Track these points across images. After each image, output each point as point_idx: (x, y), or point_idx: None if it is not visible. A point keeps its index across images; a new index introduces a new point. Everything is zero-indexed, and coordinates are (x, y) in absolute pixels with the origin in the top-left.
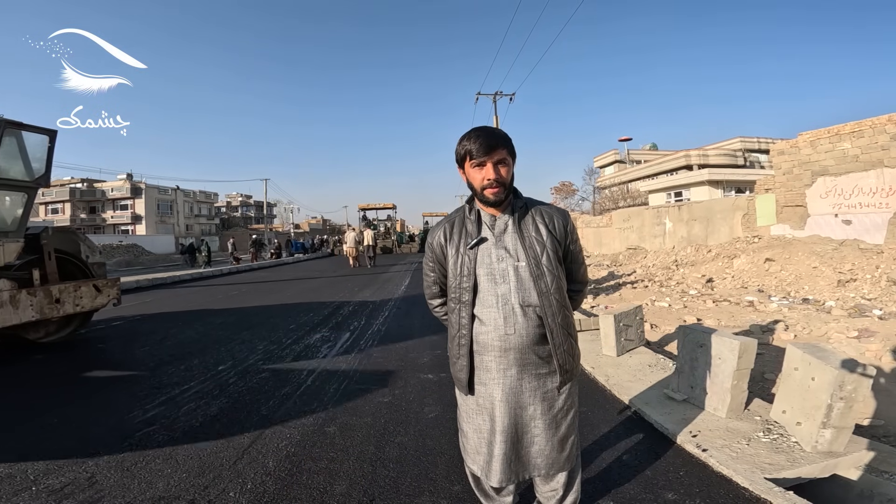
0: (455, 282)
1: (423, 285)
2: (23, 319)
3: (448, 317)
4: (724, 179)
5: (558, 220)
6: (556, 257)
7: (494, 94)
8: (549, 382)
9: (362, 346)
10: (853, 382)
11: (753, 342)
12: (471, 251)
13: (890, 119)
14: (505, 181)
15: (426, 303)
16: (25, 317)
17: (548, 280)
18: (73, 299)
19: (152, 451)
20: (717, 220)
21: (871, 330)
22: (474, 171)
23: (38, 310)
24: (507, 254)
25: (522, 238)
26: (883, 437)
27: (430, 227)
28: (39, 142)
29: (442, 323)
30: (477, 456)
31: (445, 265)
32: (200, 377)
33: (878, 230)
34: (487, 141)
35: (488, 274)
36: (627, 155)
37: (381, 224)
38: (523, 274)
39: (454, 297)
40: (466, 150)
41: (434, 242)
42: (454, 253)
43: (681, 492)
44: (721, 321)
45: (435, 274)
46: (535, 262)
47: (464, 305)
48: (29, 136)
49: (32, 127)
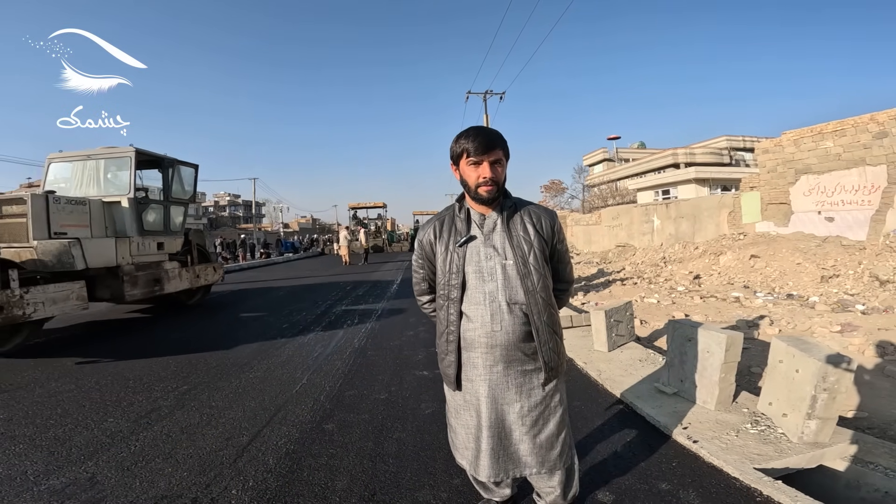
0: (444, 279)
1: (413, 282)
2: (182, 288)
3: (436, 313)
4: (711, 177)
5: (546, 220)
6: (542, 256)
7: (484, 93)
8: (535, 379)
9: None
10: (836, 374)
11: (740, 335)
12: (460, 249)
13: (872, 118)
14: (499, 180)
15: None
16: (183, 286)
17: (534, 279)
18: (204, 276)
19: (151, 450)
20: (703, 218)
21: (854, 324)
22: (469, 170)
23: (190, 281)
24: (495, 252)
25: (510, 237)
26: (867, 429)
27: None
28: (189, 172)
29: (431, 319)
30: (465, 451)
31: (434, 262)
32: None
33: (860, 227)
34: (485, 141)
35: (476, 271)
36: (616, 153)
37: (371, 223)
38: (510, 272)
39: (443, 293)
40: (463, 148)
41: (424, 240)
42: (443, 250)
43: (674, 482)
44: (708, 316)
45: (424, 271)
46: (522, 261)
47: (452, 302)
48: (183, 168)
49: (185, 162)
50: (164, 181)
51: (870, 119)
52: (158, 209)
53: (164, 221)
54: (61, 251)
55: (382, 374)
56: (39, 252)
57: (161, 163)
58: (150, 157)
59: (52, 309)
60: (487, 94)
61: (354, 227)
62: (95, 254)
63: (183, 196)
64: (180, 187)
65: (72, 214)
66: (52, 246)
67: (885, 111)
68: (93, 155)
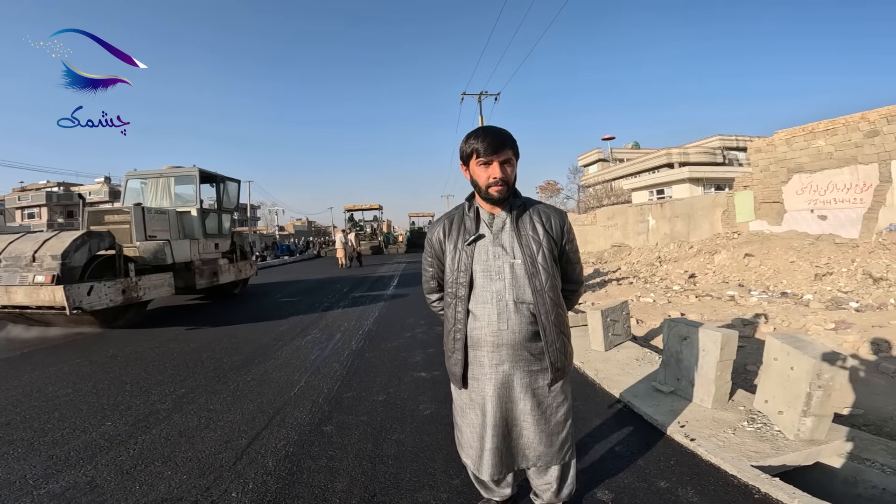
0: (452, 277)
1: (422, 280)
2: (231, 279)
3: (444, 311)
4: (705, 177)
5: (555, 220)
6: (551, 256)
7: (480, 93)
8: (541, 379)
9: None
10: (830, 371)
11: (734, 333)
12: (468, 247)
13: (863, 117)
14: (509, 180)
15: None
16: (231, 278)
17: (542, 278)
18: (245, 270)
19: (150, 453)
20: (698, 217)
21: (848, 322)
22: (480, 170)
23: (235, 274)
24: (503, 251)
25: (519, 236)
26: (863, 426)
27: (417, 227)
28: (234, 186)
29: (439, 317)
30: (470, 450)
31: (443, 261)
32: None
33: (852, 225)
34: (495, 141)
35: (484, 270)
36: (611, 153)
37: (367, 225)
38: (518, 271)
39: (450, 291)
40: (473, 148)
41: (433, 238)
42: (452, 249)
43: (672, 480)
44: (704, 315)
45: (433, 269)
46: (530, 260)
47: (459, 300)
48: (229, 183)
49: (231, 178)
50: (217, 194)
51: (861, 118)
52: (214, 217)
53: (218, 226)
54: (156, 250)
55: (380, 376)
56: (141, 250)
57: (215, 179)
58: (207, 174)
59: (152, 293)
60: (482, 95)
61: (347, 230)
62: (178, 252)
63: (230, 206)
64: (228, 199)
65: (158, 222)
66: (150, 246)
67: (875, 110)
68: (164, 173)
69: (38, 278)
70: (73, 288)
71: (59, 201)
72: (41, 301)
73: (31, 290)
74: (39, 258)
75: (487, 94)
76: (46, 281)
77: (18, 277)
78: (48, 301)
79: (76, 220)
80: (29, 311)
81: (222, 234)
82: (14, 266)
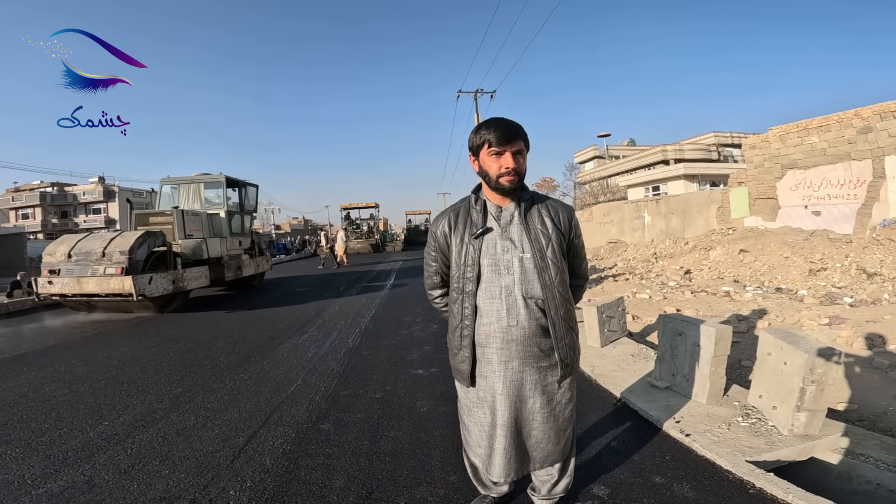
0: (458, 272)
1: (424, 276)
2: (251, 273)
3: (449, 308)
4: (700, 173)
5: (563, 215)
6: (560, 251)
7: (475, 91)
8: (550, 376)
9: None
10: (823, 366)
11: (729, 329)
12: (475, 241)
13: (856, 114)
14: (521, 171)
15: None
16: (250, 271)
17: (552, 273)
18: (262, 265)
19: (148, 452)
20: (693, 213)
21: (842, 317)
22: (491, 160)
23: (254, 268)
24: (512, 245)
25: (528, 230)
26: (857, 421)
27: (414, 225)
28: (253, 190)
29: (441, 315)
30: (478, 449)
31: (449, 255)
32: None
33: (846, 220)
34: (507, 132)
35: (492, 264)
36: (606, 150)
37: (363, 223)
38: (528, 266)
39: (457, 287)
40: (484, 139)
41: (438, 231)
42: (458, 242)
43: (668, 475)
44: (699, 311)
45: (437, 264)
46: (539, 255)
47: (467, 296)
48: (249, 188)
49: (251, 183)
50: (240, 197)
51: (854, 114)
52: (238, 217)
53: (241, 226)
54: (195, 246)
55: (377, 374)
56: (183, 247)
57: (237, 184)
58: (232, 180)
59: (193, 283)
60: (478, 93)
61: (340, 228)
62: (212, 249)
63: (250, 208)
64: (248, 201)
65: (194, 222)
66: (190, 243)
67: (868, 106)
68: (194, 179)
69: (110, 270)
70: (138, 278)
71: (52, 202)
72: (112, 289)
73: (102, 280)
74: (109, 253)
75: (483, 92)
76: (117, 272)
77: (90, 270)
78: (118, 289)
79: (70, 220)
80: (97, 298)
81: (244, 233)
82: (85, 261)
